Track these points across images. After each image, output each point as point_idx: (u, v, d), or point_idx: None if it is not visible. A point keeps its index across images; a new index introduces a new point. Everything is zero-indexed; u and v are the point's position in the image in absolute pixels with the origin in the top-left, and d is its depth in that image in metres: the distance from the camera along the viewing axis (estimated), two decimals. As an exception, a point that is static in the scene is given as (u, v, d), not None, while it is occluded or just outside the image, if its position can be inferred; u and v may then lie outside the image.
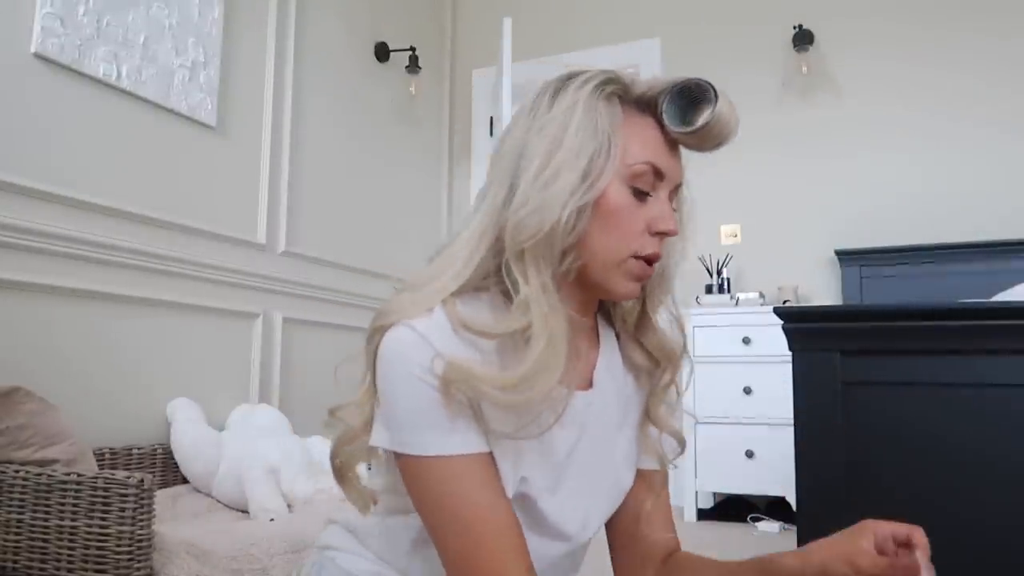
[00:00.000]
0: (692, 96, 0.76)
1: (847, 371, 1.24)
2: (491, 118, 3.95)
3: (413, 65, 3.76)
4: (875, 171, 3.43)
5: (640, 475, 0.89)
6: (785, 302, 3.30)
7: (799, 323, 1.29)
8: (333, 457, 0.80)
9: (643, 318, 0.87)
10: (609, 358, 0.86)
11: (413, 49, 3.78)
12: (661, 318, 0.86)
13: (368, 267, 3.44)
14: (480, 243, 0.75)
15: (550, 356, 0.70)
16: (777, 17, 3.64)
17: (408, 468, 0.72)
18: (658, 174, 0.76)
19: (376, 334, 0.73)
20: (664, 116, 0.76)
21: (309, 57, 3.19)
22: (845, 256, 3.35)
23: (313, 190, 3.18)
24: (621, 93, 0.77)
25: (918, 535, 0.72)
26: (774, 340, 1.87)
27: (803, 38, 3.47)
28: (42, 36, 2.10)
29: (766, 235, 3.60)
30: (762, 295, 3.33)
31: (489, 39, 3.73)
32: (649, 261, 0.77)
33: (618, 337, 0.89)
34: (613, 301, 0.87)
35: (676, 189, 0.80)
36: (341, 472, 0.80)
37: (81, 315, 2.17)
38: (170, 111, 2.50)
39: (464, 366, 0.68)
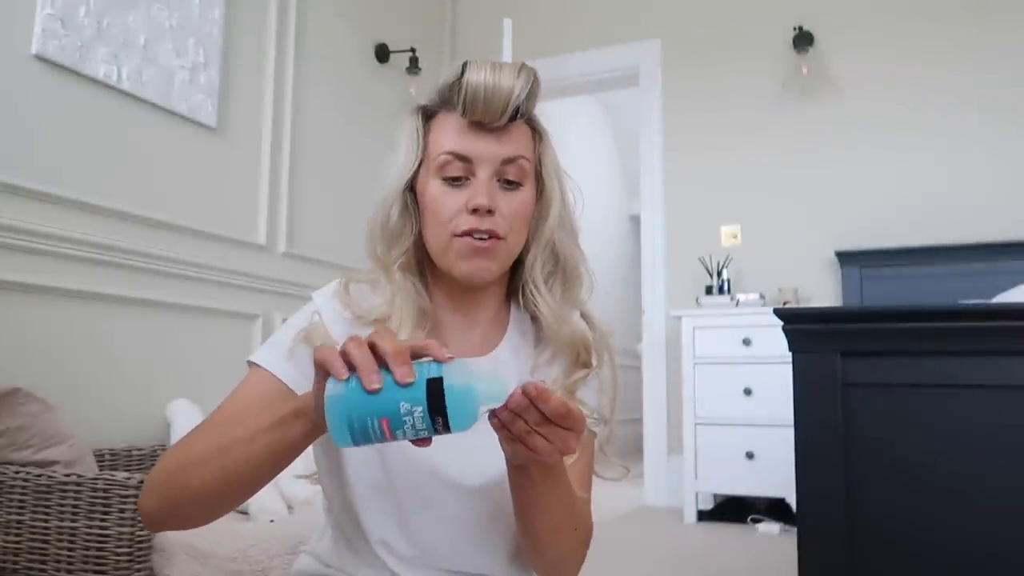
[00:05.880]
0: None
1: (847, 372, 1.24)
2: (491, 119, 3.95)
3: (413, 66, 3.76)
4: (875, 172, 3.44)
5: None
6: (785, 303, 3.30)
7: (799, 324, 1.29)
8: None
9: (531, 298, 0.88)
10: (516, 343, 0.89)
11: (413, 50, 3.78)
12: (552, 299, 0.86)
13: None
14: None
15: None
16: (777, 18, 3.65)
17: None
18: (463, 158, 0.81)
19: None
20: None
21: (309, 58, 3.19)
22: (845, 257, 3.35)
23: (313, 191, 3.18)
24: (439, 103, 0.85)
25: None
26: (774, 341, 1.87)
27: (803, 39, 3.47)
28: (42, 37, 2.10)
29: (766, 236, 3.60)
30: (762, 296, 3.33)
31: (489, 40, 3.73)
32: (472, 235, 0.79)
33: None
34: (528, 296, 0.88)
35: (510, 164, 0.81)
36: None
37: (81, 316, 2.17)
38: (170, 112, 2.50)
39: (322, 330, 0.80)
